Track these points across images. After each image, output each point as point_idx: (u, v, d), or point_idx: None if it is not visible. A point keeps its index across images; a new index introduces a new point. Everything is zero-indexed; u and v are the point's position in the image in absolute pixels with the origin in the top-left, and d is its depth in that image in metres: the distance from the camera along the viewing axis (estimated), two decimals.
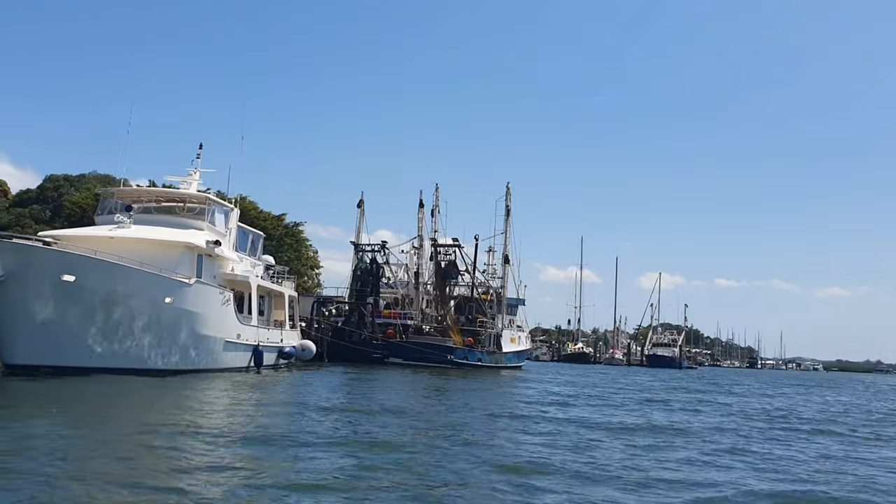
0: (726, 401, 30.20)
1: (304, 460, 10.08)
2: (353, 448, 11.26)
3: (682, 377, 62.56)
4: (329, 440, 11.99)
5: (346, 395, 21.89)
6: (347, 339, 49.79)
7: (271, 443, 11.40)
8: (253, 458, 10.10)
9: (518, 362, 58.53)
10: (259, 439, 11.70)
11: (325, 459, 10.19)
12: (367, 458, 10.38)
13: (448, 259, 53.07)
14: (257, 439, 11.70)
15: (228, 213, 30.35)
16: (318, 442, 11.71)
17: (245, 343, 29.22)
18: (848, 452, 14.59)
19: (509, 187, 57.42)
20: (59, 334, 20.54)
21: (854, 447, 15.57)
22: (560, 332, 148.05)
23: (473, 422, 16.35)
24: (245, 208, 60.90)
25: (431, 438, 12.99)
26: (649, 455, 12.42)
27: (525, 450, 12.23)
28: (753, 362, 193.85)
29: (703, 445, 14.17)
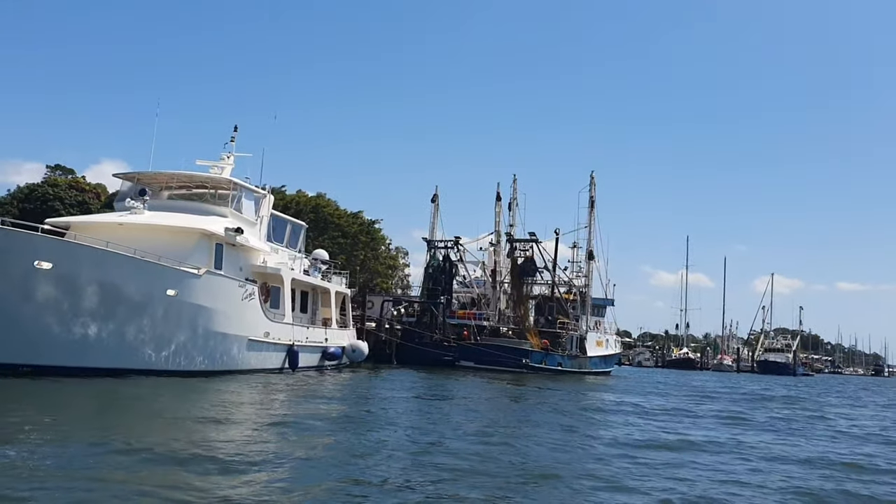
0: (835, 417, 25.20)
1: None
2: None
3: (793, 385, 56.23)
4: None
5: (363, 409, 18.01)
6: (417, 340, 46.87)
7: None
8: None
9: (605, 367, 53.92)
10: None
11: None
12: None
13: (525, 255, 49.22)
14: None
15: (259, 200, 27.68)
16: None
17: (276, 342, 26.45)
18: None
19: (593, 177, 53.04)
20: (36, 328, 18.19)
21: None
22: (668, 337, 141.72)
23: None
24: (319, 205, 59.42)
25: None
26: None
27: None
28: (879, 370, 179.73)
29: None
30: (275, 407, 16.79)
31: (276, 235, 28.80)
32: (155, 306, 20.72)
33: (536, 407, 21.58)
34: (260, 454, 10.00)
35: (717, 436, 15.95)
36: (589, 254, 52.13)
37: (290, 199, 58.47)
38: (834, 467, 12.25)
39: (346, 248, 59.23)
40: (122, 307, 19.90)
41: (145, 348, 20.71)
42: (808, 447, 14.92)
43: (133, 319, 20.26)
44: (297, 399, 18.65)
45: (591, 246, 52.15)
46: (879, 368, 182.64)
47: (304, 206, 57.82)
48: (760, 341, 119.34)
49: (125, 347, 20.15)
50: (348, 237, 59.52)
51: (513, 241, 50.15)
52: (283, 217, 30.43)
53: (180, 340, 21.73)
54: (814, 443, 15.88)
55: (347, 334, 34.10)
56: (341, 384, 24.85)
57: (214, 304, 22.87)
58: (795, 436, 17.21)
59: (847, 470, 12.01)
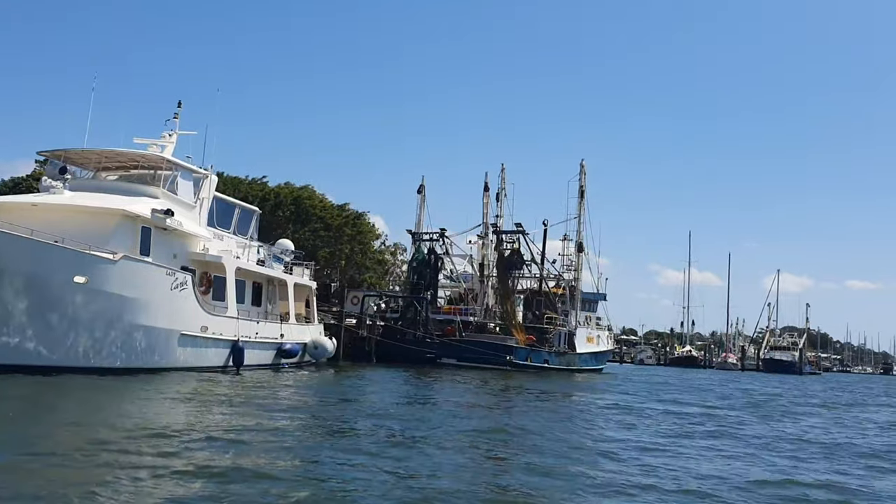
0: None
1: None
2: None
3: (798, 384, 53.52)
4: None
5: (274, 422, 13.38)
6: (398, 337, 44.52)
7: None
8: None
9: (596, 365, 51.39)
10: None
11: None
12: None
13: (511, 247, 46.76)
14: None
15: (200, 181, 25.22)
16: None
17: (217, 338, 24.03)
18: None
19: (583, 165, 50.47)
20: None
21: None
22: (673, 335, 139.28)
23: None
24: (300, 197, 56.99)
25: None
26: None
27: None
28: (888, 368, 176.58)
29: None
30: (164, 415, 14.32)
31: (220, 220, 26.37)
32: (58, 295, 18.33)
33: (495, 415, 18.83)
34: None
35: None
36: (578, 246, 49.64)
37: (270, 190, 56.17)
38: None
39: (329, 241, 56.94)
40: (15, 295, 17.53)
41: (42, 342, 18.32)
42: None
43: (30, 309, 17.89)
44: (205, 405, 16.12)
45: (580, 238, 49.70)
46: (888, 367, 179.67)
47: (284, 198, 55.52)
48: (766, 339, 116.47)
49: (17, 341, 17.77)
50: (332, 230, 57.17)
51: (499, 233, 47.74)
52: (231, 201, 27.96)
53: (91, 334, 19.35)
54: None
55: (311, 330, 31.66)
56: (287, 385, 22.32)
57: (136, 293, 20.48)
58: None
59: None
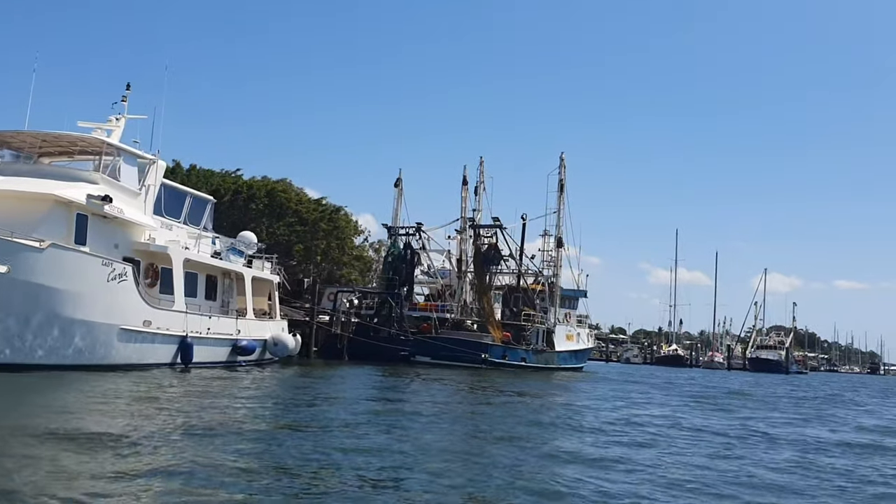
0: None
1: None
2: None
3: (779, 384, 52.49)
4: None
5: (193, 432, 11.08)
6: (372, 334, 43.21)
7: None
8: None
9: (576, 363, 50.11)
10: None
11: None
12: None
13: (488, 242, 45.45)
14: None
15: (146, 167, 23.76)
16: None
17: (162, 333, 22.60)
18: None
19: (563, 158, 49.06)
20: None
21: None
22: (660, 333, 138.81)
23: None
24: (274, 189, 55.50)
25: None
26: None
27: None
28: (875, 368, 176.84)
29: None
30: (78, 416, 12.91)
31: (169, 209, 24.89)
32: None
33: (431, 426, 16.53)
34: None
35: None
36: (558, 241, 48.30)
37: (243, 182, 54.68)
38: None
39: (304, 236, 55.52)
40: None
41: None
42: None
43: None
44: (129, 405, 14.74)
45: (560, 233, 48.36)
46: (875, 366, 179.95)
47: (257, 191, 54.06)
48: (753, 338, 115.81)
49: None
50: (307, 224, 55.72)
51: (476, 228, 46.41)
52: (181, 189, 26.47)
53: (13, 328, 17.92)
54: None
55: (271, 326, 30.23)
56: (230, 384, 20.88)
57: (67, 285, 19.03)
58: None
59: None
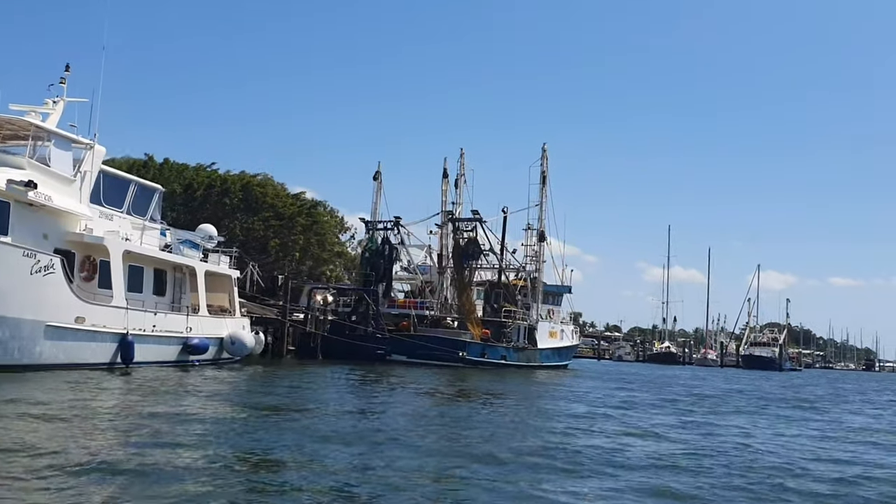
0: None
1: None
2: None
3: (760, 382, 50.97)
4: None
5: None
6: (347, 332, 41.64)
7: None
8: None
9: (559, 361, 48.52)
10: None
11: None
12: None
13: (467, 236, 43.84)
14: None
15: (82, 153, 22.11)
16: None
17: (97, 330, 20.99)
18: None
19: (545, 149, 47.49)
20: None
21: None
22: (654, 331, 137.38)
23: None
24: (249, 183, 53.83)
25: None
26: None
27: None
28: (871, 364, 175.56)
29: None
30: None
31: (110, 198, 23.23)
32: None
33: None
34: None
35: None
36: (540, 235, 46.68)
37: (217, 176, 53.03)
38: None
39: (281, 231, 53.87)
40: None
41: None
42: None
43: None
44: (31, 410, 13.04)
45: (542, 226, 46.73)
46: (871, 363, 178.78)
47: (232, 185, 52.40)
48: (746, 335, 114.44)
49: None
50: (284, 219, 54.06)
51: (455, 221, 44.82)
52: (124, 176, 24.79)
53: None
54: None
55: (229, 323, 28.59)
56: (171, 385, 19.19)
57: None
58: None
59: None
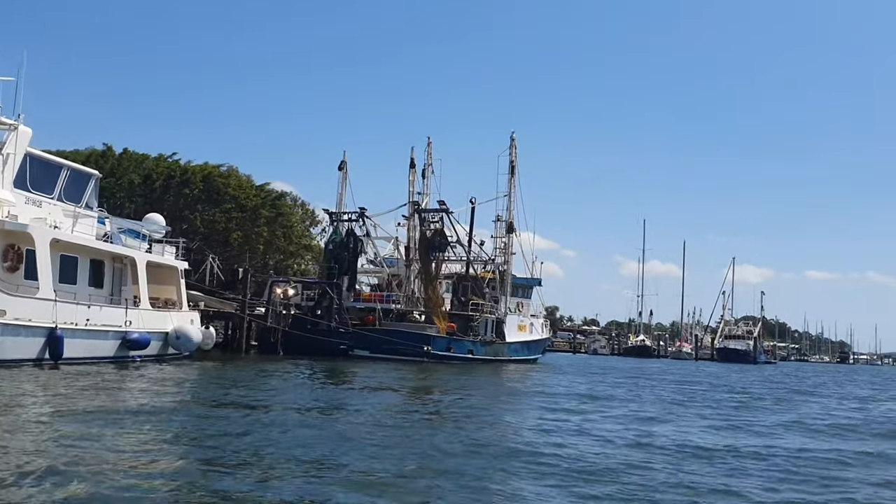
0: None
1: None
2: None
3: (726, 376, 50.26)
4: None
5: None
6: (309, 327, 40.32)
7: None
8: None
9: (529, 354, 47.47)
10: None
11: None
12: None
13: (434, 228, 42.59)
14: None
15: (6, 134, 20.61)
16: None
17: (20, 324, 19.52)
18: None
19: (514, 138, 46.27)
20: None
21: None
22: (630, 324, 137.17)
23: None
24: (211, 174, 52.18)
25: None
26: None
27: None
28: (845, 357, 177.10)
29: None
30: None
31: (38, 183, 21.75)
32: None
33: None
34: None
35: None
36: (508, 226, 45.50)
37: (177, 166, 51.33)
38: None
39: (243, 223, 52.28)
40: None
41: None
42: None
43: None
44: None
45: (511, 217, 45.53)
46: (845, 355, 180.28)
47: (192, 175, 50.72)
48: (721, 328, 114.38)
49: None
50: (246, 211, 52.45)
51: (421, 213, 43.55)
52: (54, 161, 23.25)
53: None
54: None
55: (175, 317, 27.16)
56: (90, 385, 17.72)
57: None
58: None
59: None
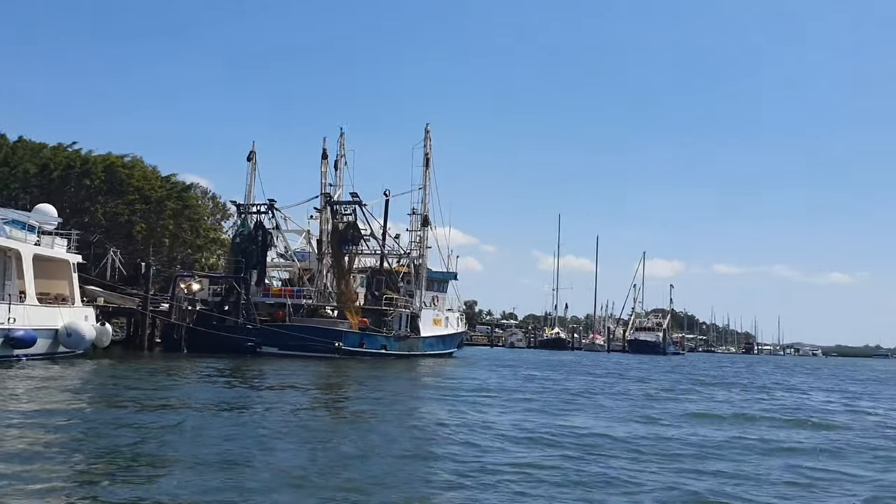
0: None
1: None
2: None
3: (618, 366, 51.28)
4: None
5: None
6: (215, 323, 38.94)
7: None
8: None
9: (444, 349, 47.13)
10: None
11: None
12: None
13: (347, 220, 41.72)
14: None
15: None
16: None
17: None
18: None
19: (428, 130, 45.67)
20: None
21: None
22: (545, 318, 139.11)
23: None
24: (113, 164, 49.82)
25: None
26: None
27: None
28: (750, 348, 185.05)
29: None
30: None
31: None
32: None
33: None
34: None
35: None
36: (424, 219, 44.96)
37: (77, 156, 48.80)
38: None
39: (148, 216, 50.12)
40: None
41: None
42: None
43: None
44: None
45: (426, 210, 44.99)
46: (750, 346, 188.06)
47: (93, 165, 48.30)
48: (632, 320, 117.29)
49: None
50: (151, 203, 50.28)
51: (333, 205, 42.59)
52: None
53: None
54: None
55: (66, 314, 25.57)
56: None
57: None
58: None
59: None
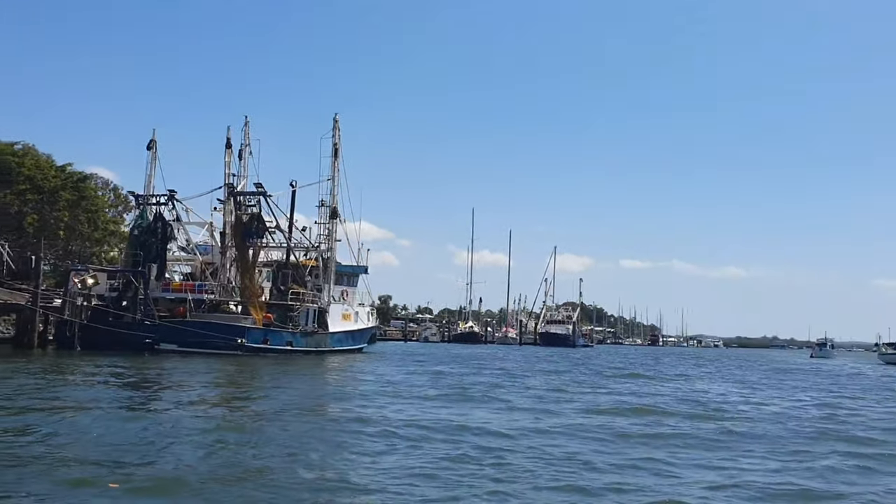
0: None
1: None
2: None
3: (536, 358, 51.80)
4: None
5: None
6: (111, 320, 37.01)
7: None
8: None
9: (353, 344, 46.28)
10: None
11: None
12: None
13: (251, 212, 40.35)
14: None
15: None
16: None
17: None
18: None
19: (337, 120, 44.61)
20: None
21: None
22: (459, 312, 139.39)
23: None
24: (6, 152, 46.94)
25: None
26: None
27: None
28: (655, 340, 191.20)
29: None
30: None
31: None
32: None
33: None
34: None
35: None
36: (332, 211, 43.93)
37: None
38: None
39: (40, 206, 47.43)
40: None
41: None
42: None
43: None
44: None
45: (335, 202, 43.98)
46: (655, 338, 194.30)
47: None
48: (543, 314, 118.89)
49: None
50: (44, 193, 47.57)
51: (236, 196, 41.11)
52: None
53: None
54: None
55: None
56: None
57: None
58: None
59: None
